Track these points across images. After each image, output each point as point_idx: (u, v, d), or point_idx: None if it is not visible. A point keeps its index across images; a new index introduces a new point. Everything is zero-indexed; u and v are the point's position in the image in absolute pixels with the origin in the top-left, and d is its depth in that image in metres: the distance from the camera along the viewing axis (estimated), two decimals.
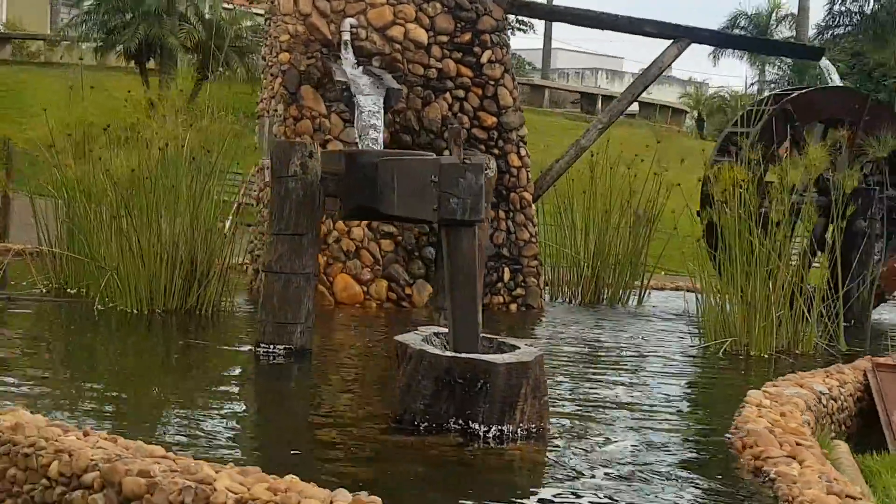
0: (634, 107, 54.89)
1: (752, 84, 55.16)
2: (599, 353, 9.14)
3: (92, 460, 4.08)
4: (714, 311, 9.65)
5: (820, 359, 9.21)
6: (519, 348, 5.72)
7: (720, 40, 21.89)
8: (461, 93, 11.97)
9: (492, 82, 12.08)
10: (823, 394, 7.07)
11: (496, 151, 11.90)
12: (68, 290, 10.32)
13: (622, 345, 9.79)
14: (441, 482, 4.82)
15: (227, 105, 10.43)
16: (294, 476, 3.94)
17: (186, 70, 23.95)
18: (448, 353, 5.43)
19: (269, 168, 11.17)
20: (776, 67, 52.51)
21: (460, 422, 5.37)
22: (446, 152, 11.52)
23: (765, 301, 9.23)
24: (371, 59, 11.57)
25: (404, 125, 11.61)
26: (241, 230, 10.03)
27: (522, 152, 12.08)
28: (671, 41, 12.72)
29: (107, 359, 7.78)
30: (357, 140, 9.76)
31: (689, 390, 7.73)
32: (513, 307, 11.64)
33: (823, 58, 14.68)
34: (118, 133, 9.70)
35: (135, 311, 9.17)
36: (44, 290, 10.30)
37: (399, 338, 5.76)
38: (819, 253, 11.51)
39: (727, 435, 5.68)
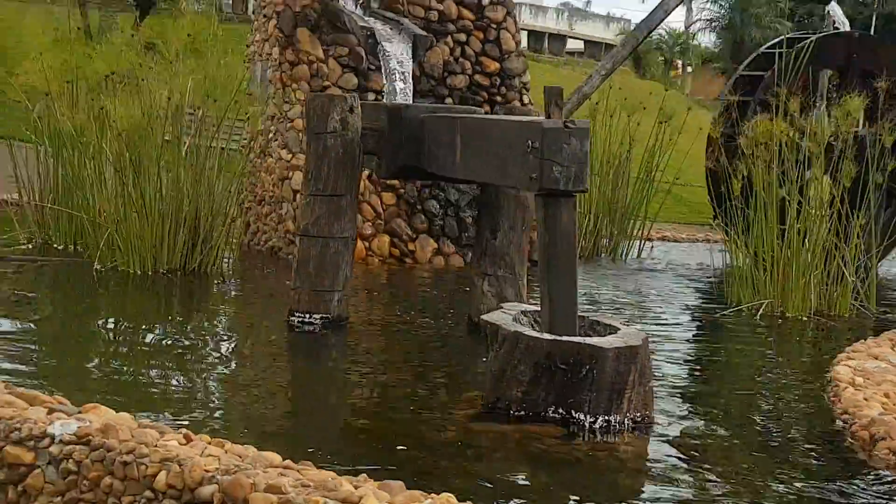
0: (580, 45, 54.77)
1: (694, 22, 55.05)
2: (626, 317, 8.82)
3: (207, 471, 3.65)
4: (742, 272, 9.36)
5: (857, 321, 8.98)
6: (616, 328, 5.36)
7: None
8: (462, 36, 11.53)
9: (494, 25, 11.65)
10: None
11: (499, 98, 11.50)
12: (55, 245, 9.78)
13: (646, 305, 9.46)
14: (549, 483, 4.41)
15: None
16: (449, 495, 3.54)
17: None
18: (548, 336, 5.04)
19: (273, 117, 10.70)
20: (716, 5, 52.45)
21: (560, 411, 4.99)
22: (448, 100, 11.17)
23: (801, 261, 8.96)
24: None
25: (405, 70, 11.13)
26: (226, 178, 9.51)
27: (525, 99, 11.66)
28: None
29: (125, 329, 7.27)
30: (384, 91, 9.25)
31: (755, 362, 7.34)
32: None
33: (832, 1, 14.36)
34: (116, 80, 9.11)
35: (137, 272, 8.66)
36: (28, 246, 9.74)
37: (487, 317, 5.37)
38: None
39: (840, 421, 5.37)
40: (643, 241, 12.86)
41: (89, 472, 3.84)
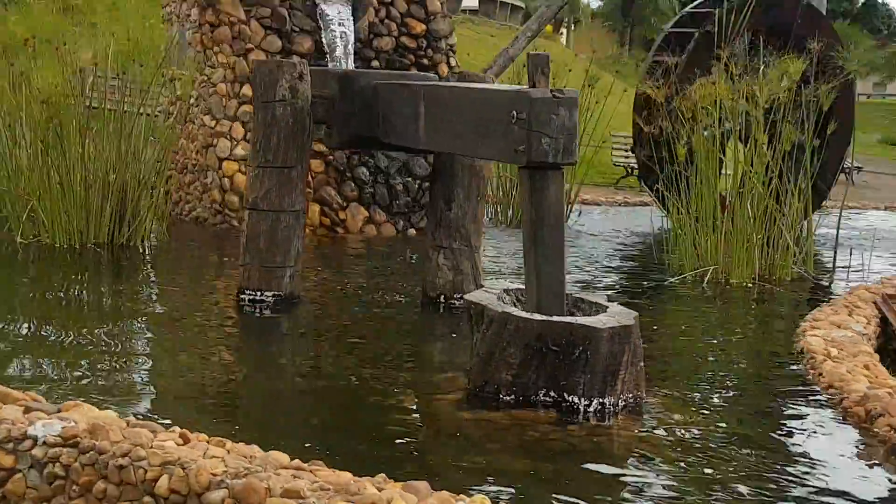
0: (474, 3, 54.53)
1: None
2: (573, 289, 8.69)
3: (215, 475, 3.40)
4: (685, 239, 9.28)
5: (800, 286, 8.99)
6: (603, 305, 5.19)
7: None
8: None
9: None
10: (863, 335, 6.78)
11: (426, 61, 11.24)
12: None
13: (592, 274, 9.33)
14: (551, 473, 4.18)
15: None
16: (484, 497, 3.34)
17: None
18: (539, 317, 4.85)
19: (194, 81, 10.30)
20: None
21: (552, 394, 4.82)
22: (374, 63, 10.89)
23: (745, 227, 8.92)
24: None
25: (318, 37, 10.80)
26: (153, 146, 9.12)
27: (453, 62, 11.44)
28: None
29: (59, 309, 6.84)
30: (327, 57, 8.91)
31: (719, 333, 7.22)
32: None
33: None
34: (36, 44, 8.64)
35: (63, 246, 8.27)
36: None
37: (471, 297, 5.16)
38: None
39: (826, 395, 5.30)
40: (570, 206, 12.74)
41: (79, 476, 3.58)
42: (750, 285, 8.70)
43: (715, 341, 6.86)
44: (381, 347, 6.21)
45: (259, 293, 6.75)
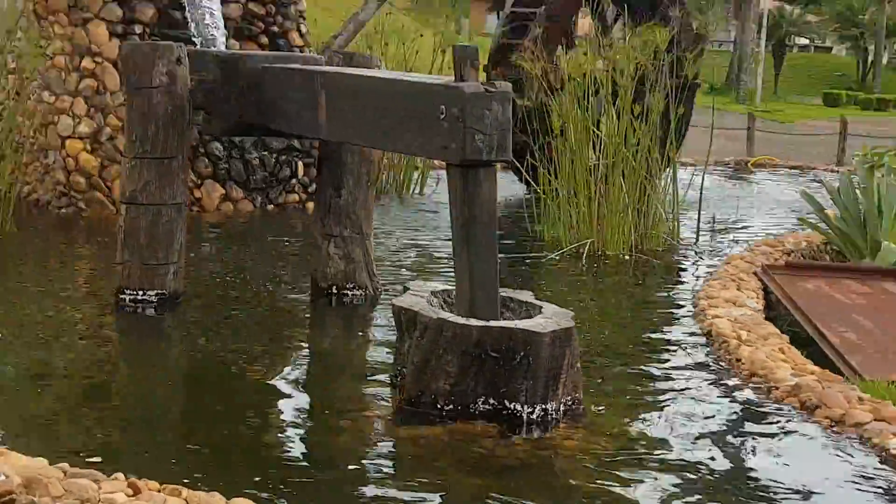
0: None
1: None
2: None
3: None
4: (559, 212, 9.20)
5: (672, 256, 9.03)
6: (534, 305, 5.00)
7: None
8: None
9: None
10: (758, 311, 6.80)
11: (276, 29, 10.81)
12: None
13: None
14: (502, 494, 3.95)
15: None
16: None
17: None
18: (477, 322, 4.62)
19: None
20: None
21: (492, 401, 4.61)
22: (223, 45, 10.40)
23: (618, 197, 8.88)
24: None
25: (175, 2, 10.27)
26: None
27: (303, 29, 11.04)
28: None
29: None
30: (193, 36, 8.39)
31: (614, 312, 7.16)
32: (309, 206, 10.60)
33: None
34: None
35: None
36: None
37: (400, 302, 4.89)
38: None
39: (751, 384, 5.26)
40: (421, 176, 12.51)
41: None
42: (627, 257, 8.68)
43: (620, 325, 6.77)
44: (289, 351, 5.91)
45: (141, 292, 6.33)
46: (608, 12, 12.06)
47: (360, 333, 6.35)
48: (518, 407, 4.59)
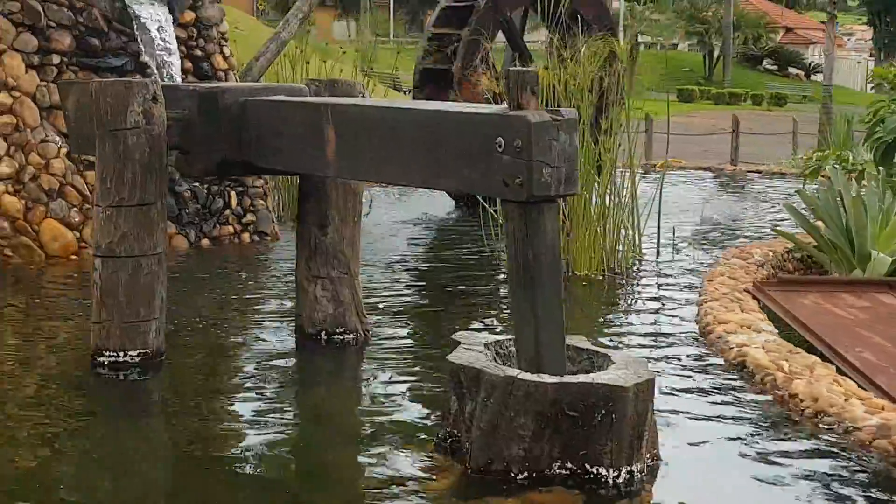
0: None
1: None
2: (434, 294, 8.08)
3: None
4: None
5: (641, 273, 8.80)
6: (599, 353, 4.63)
7: None
8: None
9: None
10: (776, 334, 6.53)
11: (199, 53, 10.24)
12: None
13: (435, 273, 8.76)
14: None
15: None
16: None
17: None
18: (551, 379, 4.23)
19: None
20: None
21: (570, 466, 4.22)
22: (143, 56, 9.85)
23: (588, 217, 8.60)
24: None
25: (91, 26, 9.64)
26: None
27: (227, 51, 10.50)
28: None
29: None
30: (152, 68, 7.79)
31: (640, 343, 6.82)
32: (245, 237, 10.15)
33: None
34: None
35: None
36: None
37: (456, 359, 4.45)
38: None
39: (824, 426, 4.91)
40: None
41: None
42: (600, 277, 8.39)
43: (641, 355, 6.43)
44: (288, 415, 5.41)
45: (122, 353, 5.80)
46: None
47: (367, 386, 5.86)
48: (601, 471, 4.22)
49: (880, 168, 10.21)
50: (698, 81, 58.15)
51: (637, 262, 8.97)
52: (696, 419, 5.21)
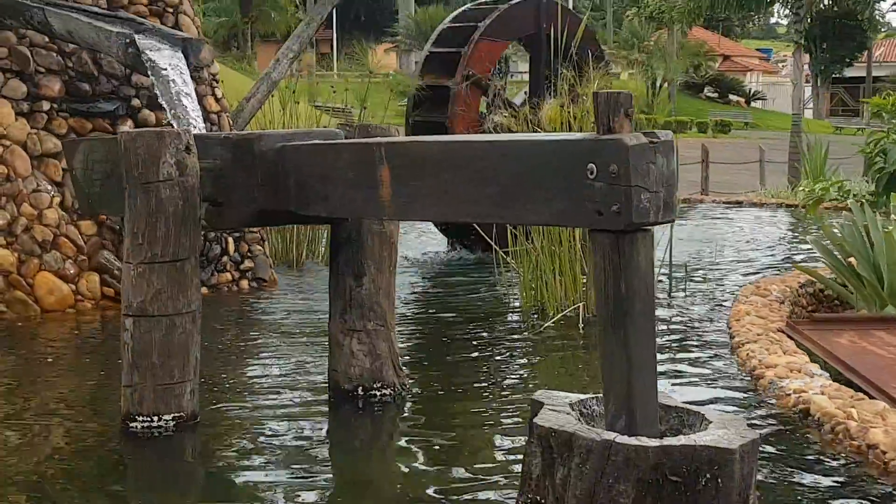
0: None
1: None
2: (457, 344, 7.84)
3: None
4: (529, 275, 8.69)
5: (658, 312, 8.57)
6: (689, 410, 4.40)
7: None
8: None
9: (170, 9, 10.11)
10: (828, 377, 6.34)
11: None
12: None
13: (482, 324, 8.51)
14: None
15: None
16: None
17: None
18: (652, 442, 4.00)
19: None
20: None
21: None
22: (136, 101, 9.63)
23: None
24: None
25: (80, 70, 9.39)
26: None
27: (219, 93, 10.24)
28: None
29: None
30: (169, 115, 7.49)
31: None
32: (244, 284, 9.86)
33: None
34: None
35: None
36: None
37: (544, 422, 4.19)
38: None
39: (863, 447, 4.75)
40: None
41: None
42: None
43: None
44: (340, 485, 5.16)
45: (156, 418, 5.50)
46: (517, 97, 11.93)
47: (416, 449, 5.57)
48: None
49: (884, 198, 10.17)
50: (643, 110, 58.54)
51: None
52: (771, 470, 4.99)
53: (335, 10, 39.73)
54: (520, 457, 4.47)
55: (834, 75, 60.00)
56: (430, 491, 4.85)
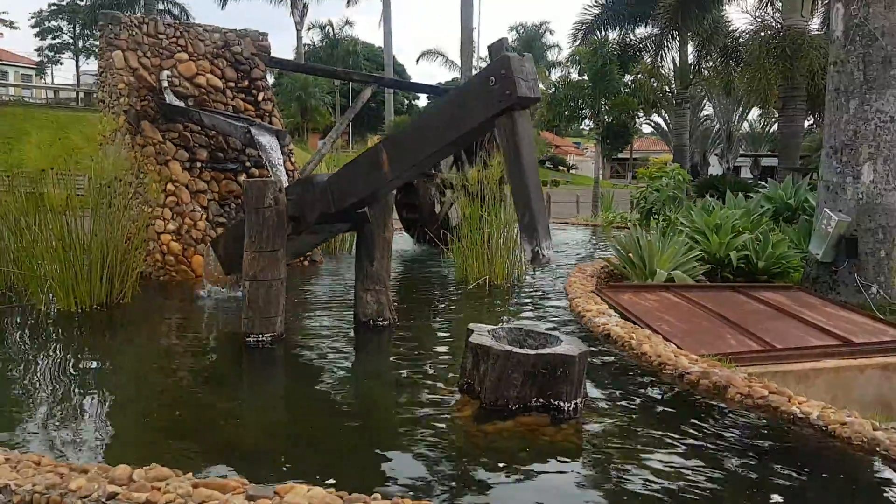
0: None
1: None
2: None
3: None
4: (460, 263, 8.52)
5: (525, 281, 8.42)
6: (547, 335, 4.32)
7: (394, 83, 16.38)
8: None
9: (267, 113, 9.80)
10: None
11: (288, 165, 9.72)
12: None
13: (434, 287, 8.22)
14: (574, 468, 3.33)
15: None
16: None
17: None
18: (532, 351, 3.93)
19: (131, 183, 8.30)
20: None
21: (541, 400, 3.93)
22: (248, 163, 9.32)
23: (500, 250, 8.27)
24: (186, 100, 8.94)
25: (217, 146, 9.11)
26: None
27: (294, 159, 9.96)
28: (369, 85, 11.07)
29: (113, 369, 4.98)
30: (270, 172, 7.26)
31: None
32: (306, 263, 9.66)
33: None
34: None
35: (79, 310, 6.30)
36: None
37: (475, 340, 4.10)
38: None
39: (675, 373, 4.64)
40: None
41: None
42: (508, 287, 8.06)
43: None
44: (357, 367, 5.01)
45: (261, 335, 5.34)
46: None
47: (400, 350, 5.43)
48: (561, 403, 3.92)
49: (645, 222, 10.14)
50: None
51: (519, 277, 8.60)
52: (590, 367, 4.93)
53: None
54: (458, 357, 4.35)
55: (613, 157, 60.30)
56: (406, 371, 4.76)
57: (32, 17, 54.83)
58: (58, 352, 5.06)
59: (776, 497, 3.05)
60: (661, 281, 7.54)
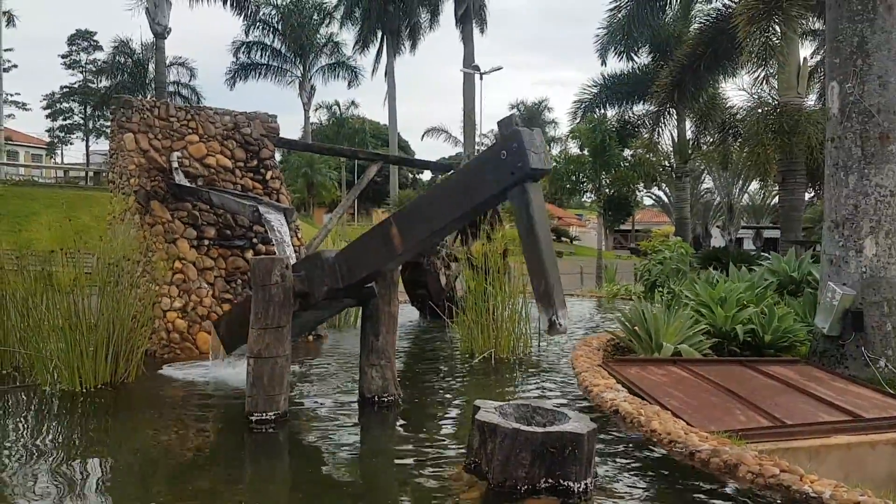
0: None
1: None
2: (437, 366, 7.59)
3: None
4: (466, 336, 8.49)
5: (532, 357, 8.36)
6: (554, 411, 4.28)
7: (398, 160, 16.46)
8: None
9: (275, 191, 9.99)
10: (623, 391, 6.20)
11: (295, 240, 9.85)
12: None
13: (440, 361, 8.15)
14: None
15: None
16: None
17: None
18: (539, 429, 3.89)
19: (139, 261, 8.37)
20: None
21: (550, 480, 3.86)
22: (254, 240, 9.43)
23: (502, 324, 8.27)
24: (196, 180, 9.13)
25: (225, 224, 9.25)
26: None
27: (300, 234, 10.10)
28: (374, 162, 11.31)
29: (122, 452, 4.99)
30: (276, 249, 7.37)
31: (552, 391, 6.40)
32: (310, 338, 9.63)
33: None
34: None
35: (83, 390, 6.26)
36: None
37: (482, 418, 4.05)
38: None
39: (686, 450, 4.55)
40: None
41: None
42: (514, 359, 8.02)
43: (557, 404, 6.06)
44: (361, 447, 4.93)
45: (264, 413, 5.30)
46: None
47: (406, 429, 5.38)
48: (570, 484, 3.85)
49: (649, 294, 10.15)
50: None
51: (528, 351, 8.55)
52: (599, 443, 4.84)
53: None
54: (465, 434, 4.30)
55: (615, 228, 60.65)
56: (412, 446, 4.71)
57: (45, 99, 56.40)
58: (58, 438, 4.99)
59: None
60: (668, 355, 7.48)
